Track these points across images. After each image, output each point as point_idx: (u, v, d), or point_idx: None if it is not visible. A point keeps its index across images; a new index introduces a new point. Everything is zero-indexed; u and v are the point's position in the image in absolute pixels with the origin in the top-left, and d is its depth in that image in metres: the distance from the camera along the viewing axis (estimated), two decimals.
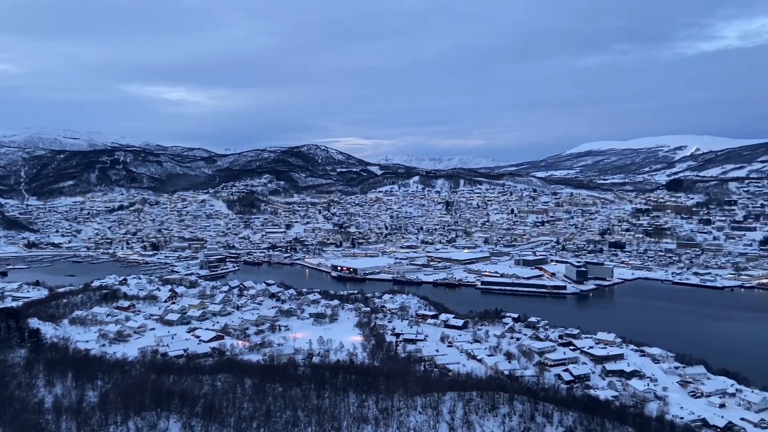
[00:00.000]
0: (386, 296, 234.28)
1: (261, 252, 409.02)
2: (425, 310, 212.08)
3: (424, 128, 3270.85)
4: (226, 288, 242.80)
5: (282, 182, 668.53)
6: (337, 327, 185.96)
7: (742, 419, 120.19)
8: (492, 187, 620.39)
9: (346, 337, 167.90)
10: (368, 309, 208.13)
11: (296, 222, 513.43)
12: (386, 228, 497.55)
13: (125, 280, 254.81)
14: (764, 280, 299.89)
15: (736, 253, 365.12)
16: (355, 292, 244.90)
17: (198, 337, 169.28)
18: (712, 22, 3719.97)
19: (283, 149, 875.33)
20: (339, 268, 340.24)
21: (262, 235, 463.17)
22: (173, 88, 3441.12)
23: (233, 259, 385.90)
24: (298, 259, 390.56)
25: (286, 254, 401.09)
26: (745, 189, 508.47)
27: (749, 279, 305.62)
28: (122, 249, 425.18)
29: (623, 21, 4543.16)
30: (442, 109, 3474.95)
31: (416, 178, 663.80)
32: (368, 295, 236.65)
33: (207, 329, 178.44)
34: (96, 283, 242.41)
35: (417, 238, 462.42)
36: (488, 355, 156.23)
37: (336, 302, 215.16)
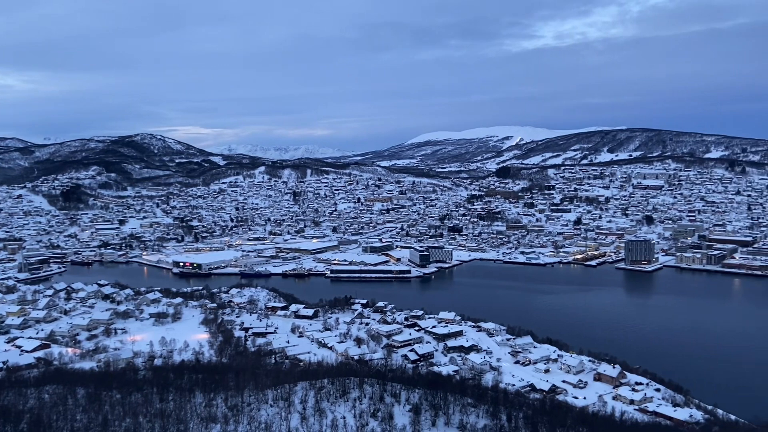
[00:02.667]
0: (233, 290, 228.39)
1: (91, 251, 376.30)
2: (275, 302, 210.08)
3: (269, 117, 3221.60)
4: (50, 292, 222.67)
5: (113, 174, 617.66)
6: (181, 326, 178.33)
7: (564, 381, 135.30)
8: (339, 176, 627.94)
9: (191, 336, 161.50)
10: (215, 305, 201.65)
11: (131, 217, 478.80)
12: (232, 220, 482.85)
13: None
14: (578, 256, 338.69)
15: (555, 233, 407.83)
16: (200, 288, 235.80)
17: (19, 347, 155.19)
18: (532, 22, 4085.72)
19: (113, 139, 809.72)
20: (181, 264, 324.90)
21: (92, 233, 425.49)
22: None
23: (58, 260, 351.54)
24: (135, 257, 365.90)
25: (120, 252, 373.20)
26: (561, 175, 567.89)
27: (566, 255, 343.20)
28: None
29: (455, 18, 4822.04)
30: (286, 98, 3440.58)
31: (262, 168, 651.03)
32: (214, 290, 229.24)
33: (30, 338, 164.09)
34: None
35: (264, 229, 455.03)
36: (339, 342, 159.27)
37: (179, 300, 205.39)
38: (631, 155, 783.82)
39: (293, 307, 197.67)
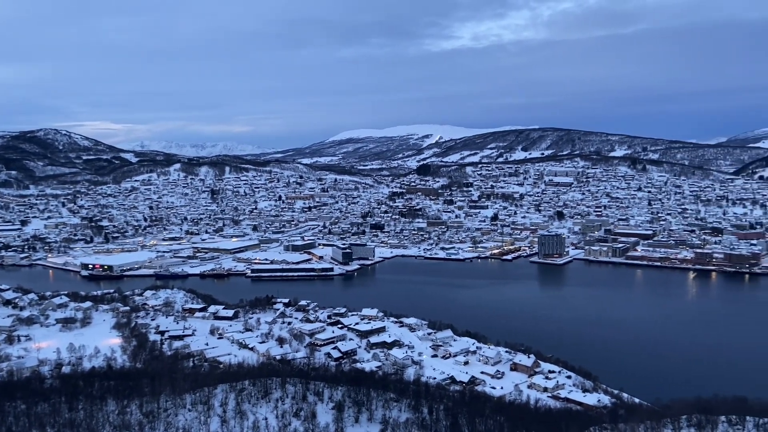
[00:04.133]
0: (148, 293, 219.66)
1: None
2: (192, 303, 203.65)
3: (185, 113, 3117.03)
4: None
5: (14, 172, 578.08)
6: (91, 331, 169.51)
7: (482, 372, 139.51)
8: (259, 174, 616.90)
9: (102, 341, 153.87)
10: (128, 308, 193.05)
11: (34, 217, 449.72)
12: (145, 220, 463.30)
13: None
14: (495, 251, 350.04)
15: (473, 229, 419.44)
16: (111, 291, 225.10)
17: None
18: (450, 23, 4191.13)
19: (13, 134, 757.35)
20: (90, 266, 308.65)
21: None
22: None
23: None
24: (39, 260, 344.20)
25: (22, 254, 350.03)
26: (479, 172, 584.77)
27: (484, 250, 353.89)
28: None
29: (378, 16, 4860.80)
30: (203, 93, 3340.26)
31: (177, 165, 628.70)
32: (127, 293, 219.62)
33: None
34: None
35: (181, 229, 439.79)
36: (260, 343, 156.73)
37: (88, 304, 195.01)
38: (543, 153, 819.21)
39: (212, 309, 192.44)
